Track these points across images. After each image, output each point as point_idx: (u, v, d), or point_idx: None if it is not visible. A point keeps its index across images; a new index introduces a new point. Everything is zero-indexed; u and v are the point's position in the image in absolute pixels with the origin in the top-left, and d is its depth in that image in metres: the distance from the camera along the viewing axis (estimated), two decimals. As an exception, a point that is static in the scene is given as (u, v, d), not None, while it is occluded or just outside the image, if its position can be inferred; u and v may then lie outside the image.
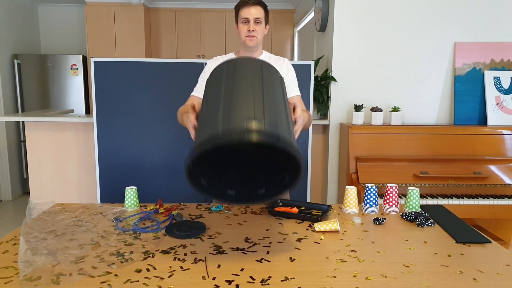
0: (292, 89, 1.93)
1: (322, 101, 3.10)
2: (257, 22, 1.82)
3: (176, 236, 1.40)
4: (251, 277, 1.11)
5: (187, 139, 2.66)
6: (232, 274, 1.12)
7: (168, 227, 1.47)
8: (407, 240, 1.39)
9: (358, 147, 2.71)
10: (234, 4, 1.84)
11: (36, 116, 2.91)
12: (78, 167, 3.03)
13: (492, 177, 2.59)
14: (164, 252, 1.27)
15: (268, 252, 1.28)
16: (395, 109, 2.94)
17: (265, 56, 1.96)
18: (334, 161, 3.17)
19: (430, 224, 1.54)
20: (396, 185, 1.72)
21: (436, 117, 3.15)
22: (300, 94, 1.95)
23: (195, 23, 5.48)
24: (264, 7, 1.84)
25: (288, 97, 1.91)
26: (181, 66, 2.65)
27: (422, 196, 2.56)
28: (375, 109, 2.92)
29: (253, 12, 1.80)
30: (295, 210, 1.64)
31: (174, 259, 1.22)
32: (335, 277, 1.11)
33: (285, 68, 1.94)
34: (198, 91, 1.91)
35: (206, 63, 1.98)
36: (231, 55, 1.96)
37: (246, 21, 1.82)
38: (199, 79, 1.96)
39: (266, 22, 1.87)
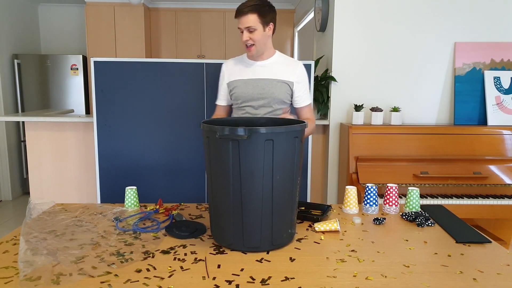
0: (305, 99, 1.97)
1: (322, 101, 3.10)
2: (251, 31, 1.80)
3: (176, 236, 1.40)
4: (251, 277, 1.11)
5: (187, 140, 2.67)
6: (232, 274, 1.12)
7: (168, 227, 1.47)
8: (407, 240, 1.39)
9: (358, 147, 2.71)
10: (234, 4, 1.83)
11: (36, 116, 2.91)
12: (78, 167, 3.03)
13: (492, 177, 2.59)
14: (164, 252, 1.27)
15: (268, 252, 1.28)
16: (395, 109, 2.94)
17: (278, 57, 1.94)
18: (334, 161, 3.17)
19: (430, 224, 1.54)
20: (396, 185, 1.72)
21: (436, 117, 3.14)
22: (311, 102, 2.00)
23: (195, 23, 5.47)
24: (258, 11, 1.78)
25: (299, 106, 1.98)
26: (181, 66, 2.65)
27: (422, 196, 2.56)
28: (375, 109, 2.92)
29: (244, 21, 1.79)
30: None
31: (174, 259, 1.22)
32: (335, 277, 1.11)
33: (298, 74, 1.92)
34: (221, 99, 2.02)
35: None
36: (243, 57, 1.99)
37: (241, 30, 1.83)
38: (219, 86, 2.04)
39: (265, 24, 1.82)
